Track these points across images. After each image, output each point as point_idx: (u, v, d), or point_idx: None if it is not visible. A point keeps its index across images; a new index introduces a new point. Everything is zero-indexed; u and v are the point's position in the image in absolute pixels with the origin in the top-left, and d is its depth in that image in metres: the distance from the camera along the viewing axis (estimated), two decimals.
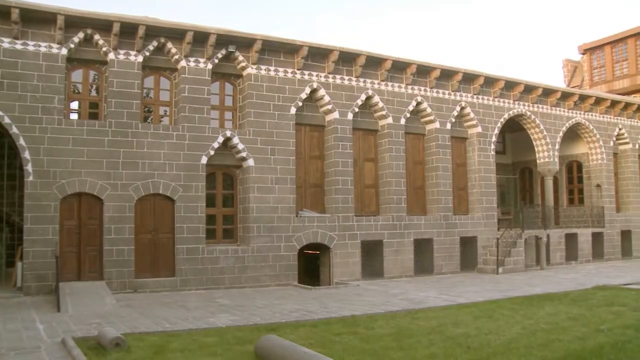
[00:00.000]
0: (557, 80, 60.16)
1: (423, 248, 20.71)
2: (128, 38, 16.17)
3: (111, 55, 16.07)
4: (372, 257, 19.59)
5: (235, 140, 17.47)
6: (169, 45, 16.78)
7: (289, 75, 18.45)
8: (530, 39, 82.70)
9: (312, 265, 19.58)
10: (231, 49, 17.48)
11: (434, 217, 21.05)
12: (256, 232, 17.45)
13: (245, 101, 17.88)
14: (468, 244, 21.91)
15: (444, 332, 9.89)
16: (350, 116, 19.43)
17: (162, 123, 17.19)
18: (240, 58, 17.71)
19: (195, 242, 16.62)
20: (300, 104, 18.65)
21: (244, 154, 17.58)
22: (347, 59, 19.34)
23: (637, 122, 28.51)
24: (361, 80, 19.70)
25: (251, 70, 17.84)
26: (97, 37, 15.90)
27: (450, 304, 13.39)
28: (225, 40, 17.27)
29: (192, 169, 16.79)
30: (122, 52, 16.17)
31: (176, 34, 16.72)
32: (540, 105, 24.49)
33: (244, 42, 17.59)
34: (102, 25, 15.79)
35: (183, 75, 16.94)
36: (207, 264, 16.70)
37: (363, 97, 19.74)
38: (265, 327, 10.42)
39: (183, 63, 16.93)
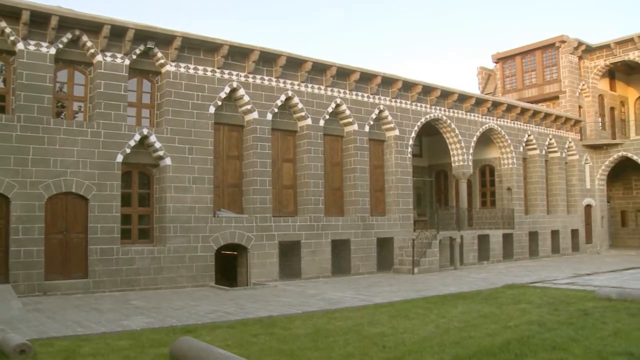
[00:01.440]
0: (472, 86, 62.27)
1: (340, 249, 20.93)
2: (39, 28, 15.45)
3: (20, 46, 15.29)
4: (289, 257, 19.62)
5: (153, 138, 17.07)
6: (85, 38, 16.18)
7: (209, 73, 18.21)
8: (447, 46, 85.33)
9: (229, 266, 19.40)
10: (150, 45, 17.09)
11: (352, 218, 21.31)
12: (172, 233, 17.11)
13: (164, 99, 17.50)
14: (385, 245, 22.32)
15: (360, 331, 10.02)
16: (269, 116, 19.39)
17: (76, 119, 16.56)
18: (159, 55, 17.32)
19: (110, 243, 16.10)
20: (220, 103, 18.44)
21: (161, 153, 17.20)
22: (267, 59, 19.29)
23: (544, 129, 30.00)
24: (281, 81, 19.71)
25: (170, 67, 17.49)
26: (3, 24, 15.05)
27: (367, 303, 13.59)
28: (144, 35, 16.85)
29: (107, 167, 16.26)
30: (32, 42, 15.43)
31: (92, 26, 16.14)
32: (456, 111, 25.29)
33: (163, 39, 17.22)
34: (10, 12, 14.95)
35: (99, 70, 16.38)
36: (121, 264, 16.22)
37: (283, 97, 19.74)
38: (181, 329, 10.24)
39: (99, 57, 16.37)
